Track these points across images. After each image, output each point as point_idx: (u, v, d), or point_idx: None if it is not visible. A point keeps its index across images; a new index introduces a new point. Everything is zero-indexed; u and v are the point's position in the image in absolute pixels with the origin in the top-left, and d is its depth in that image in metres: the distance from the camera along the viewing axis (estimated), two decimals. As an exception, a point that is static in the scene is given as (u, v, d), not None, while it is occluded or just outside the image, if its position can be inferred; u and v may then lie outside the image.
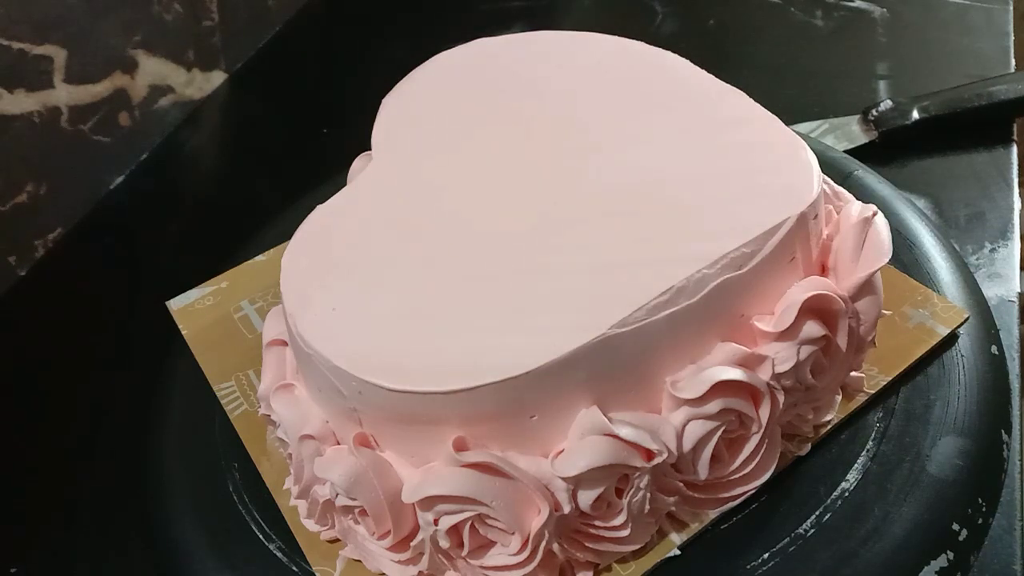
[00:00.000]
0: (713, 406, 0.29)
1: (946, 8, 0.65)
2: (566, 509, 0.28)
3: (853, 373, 0.34)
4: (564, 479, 0.28)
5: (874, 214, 0.32)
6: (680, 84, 0.36)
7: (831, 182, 0.34)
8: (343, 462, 0.29)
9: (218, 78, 0.71)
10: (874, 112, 0.53)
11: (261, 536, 0.35)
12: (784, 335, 0.30)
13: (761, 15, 0.69)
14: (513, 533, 0.28)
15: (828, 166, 0.43)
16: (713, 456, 0.30)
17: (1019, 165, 0.51)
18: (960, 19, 0.64)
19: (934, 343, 0.36)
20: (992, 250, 0.46)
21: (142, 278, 0.55)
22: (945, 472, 0.33)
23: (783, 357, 0.30)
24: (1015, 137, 0.53)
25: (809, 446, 0.34)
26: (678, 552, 0.31)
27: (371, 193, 0.34)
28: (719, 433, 0.29)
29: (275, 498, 0.35)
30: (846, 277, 0.31)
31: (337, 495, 0.30)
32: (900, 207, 0.44)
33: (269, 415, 0.33)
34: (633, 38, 0.39)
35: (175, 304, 0.44)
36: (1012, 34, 0.62)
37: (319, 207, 0.34)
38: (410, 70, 0.40)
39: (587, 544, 0.30)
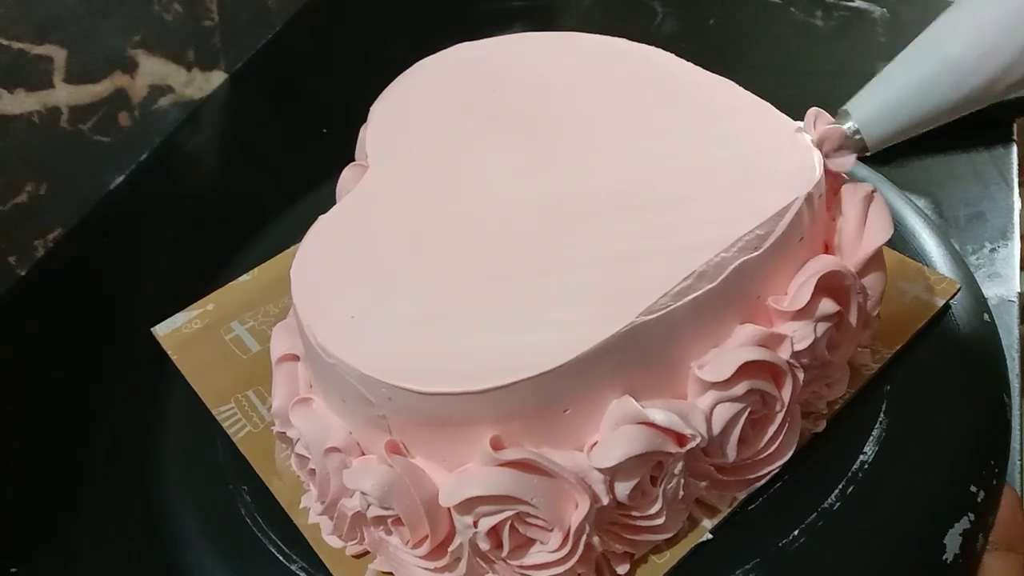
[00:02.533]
0: (739, 388, 0.29)
1: (946, 8, 0.65)
2: (604, 501, 0.28)
3: (859, 348, 0.35)
4: (601, 470, 0.28)
5: (873, 191, 0.32)
6: (671, 78, 0.37)
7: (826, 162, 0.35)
8: (375, 471, 0.28)
9: (218, 78, 0.71)
10: (874, 112, 0.53)
11: (281, 557, 0.34)
12: (800, 314, 0.30)
13: (761, 15, 0.69)
14: (553, 529, 0.28)
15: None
16: (740, 438, 0.30)
17: (1019, 165, 0.51)
18: (960, 19, 0.64)
19: (931, 315, 0.37)
20: (992, 250, 0.46)
21: (142, 278, 0.55)
22: (957, 437, 0.34)
23: (801, 335, 0.30)
24: (1015, 137, 0.53)
25: (824, 423, 0.34)
26: (710, 536, 0.32)
27: (372, 201, 0.34)
28: (746, 414, 0.30)
29: (292, 517, 0.34)
30: (852, 254, 0.32)
31: (369, 506, 0.29)
32: (900, 207, 0.44)
33: (285, 432, 0.32)
34: (633, 38, 0.39)
35: (161, 330, 0.42)
36: (1012, 34, 0.61)
37: (321, 218, 0.33)
38: (410, 70, 0.40)
39: (624, 535, 0.30)
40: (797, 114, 0.33)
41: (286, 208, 0.49)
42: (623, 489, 0.28)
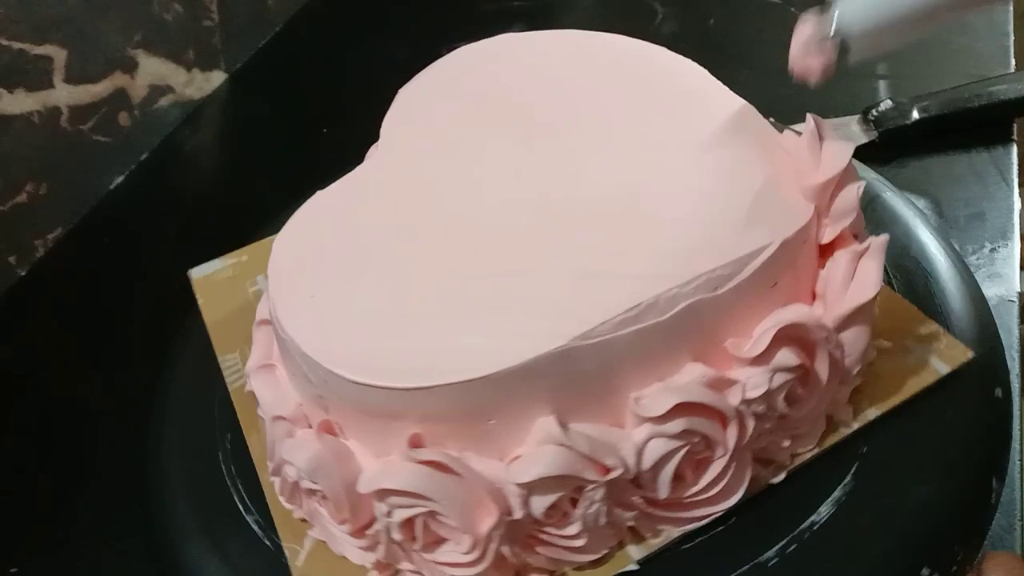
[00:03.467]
0: (674, 425, 0.28)
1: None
2: (518, 514, 0.28)
3: (840, 404, 0.33)
4: (517, 485, 0.28)
5: (867, 247, 0.31)
6: (683, 91, 0.36)
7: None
8: (307, 447, 0.29)
9: (218, 78, 0.71)
10: (874, 112, 0.53)
11: (241, 507, 0.36)
12: (757, 361, 0.29)
13: (761, 15, 0.69)
14: (464, 533, 0.28)
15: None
16: (676, 475, 0.29)
17: (1019, 165, 0.51)
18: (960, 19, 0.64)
19: (932, 381, 0.35)
20: (992, 250, 0.46)
21: (142, 278, 0.55)
22: (922, 516, 0.32)
23: (755, 383, 0.29)
24: (1015, 137, 0.53)
25: (784, 474, 0.33)
26: (636, 567, 0.31)
27: (367, 184, 0.35)
28: (681, 453, 0.29)
29: (259, 472, 0.36)
30: (834, 306, 0.31)
31: (301, 479, 0.30)
32: (900, 207, 0.44)
33: (253, 392, 0.34)
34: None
35: (196, 273, 0.44)
36: (1012, 34, 0.62)
37: (318, 193, 0.34)
38: (410, 70, 0.40)
39: (541, 550, 0.30)
40: (797, 114, 0.33)
41: (286, 208, 0.49)
42: (539, 505, 0.28)
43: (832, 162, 0.31)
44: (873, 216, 0.42)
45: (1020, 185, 0.50)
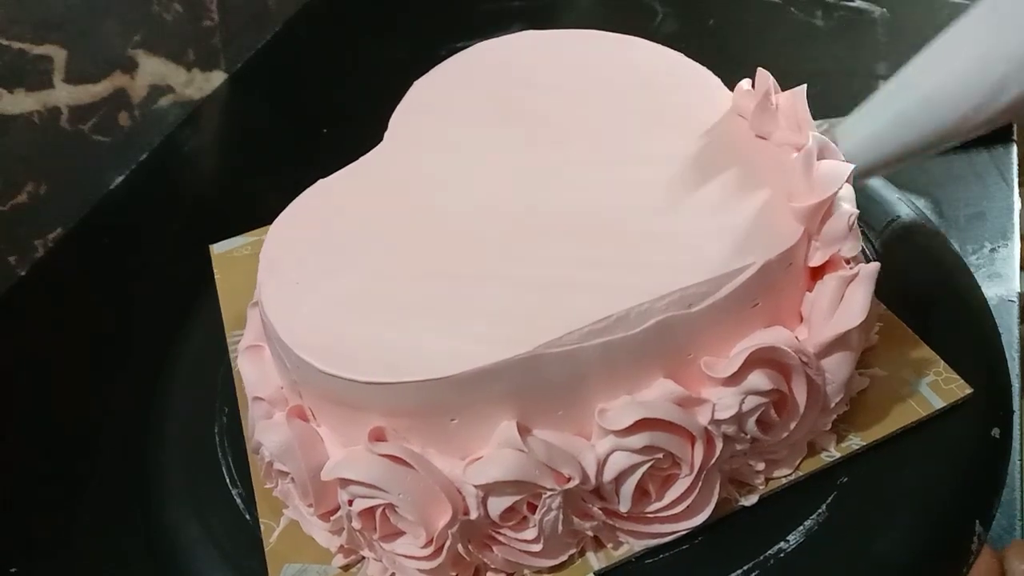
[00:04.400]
0: (637, 440, 0.28)
1: (946, 8, 0.65)
2: (474, 515, 0.28)
3: (822, 431, 0.33)
4: (475, 486, 0.28)
5: (855, 274, 0.30)
6: (699, 108, 0.35)
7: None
8: (278, 430, 0.30)
9: (218, 78, 0.71)
10: (874, 112, 0.53)
11: (228, 480, 0.37)
12: (728, 381, 0.29)
13: (761, 15, 0.69)
14: (421, 527, 0.29)
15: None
16: (640, 490, 0.29)
17: (1019, 165, 0.51)
18: (960, 19, 0.64)
19: (923, 416, 0.34)
20: (992, 250, 0.46)
21: (141, 278, 0.55)
22: (891, 555, 0.31)
23: (725, 404, 0.29)
24: (1015, 137, 0.53)
25: (756, 497, 0.32)
26: None
27: (367, 175, 0.35)
28: (644, 468, 0.29)
29: (248, 448, 0.37)
30: (817, 332, 0.30)
31: (273, 460, 0.31)
32: (900, 207, 0.44)
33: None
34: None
35: (217, 249, 0.46)
36: (1012, 34, 0.61)
37: (320, 180, 0.35)
38: (410, 70, 0.40)
39: (498, 551, 0.30)
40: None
41: (286, 208, 0.49)
42: (496, 507, 0.28)
43: (825, 184, 0.30)
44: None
45: (1020, 185, 0.50)
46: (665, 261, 0.29)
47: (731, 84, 0.36)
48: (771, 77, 0.32)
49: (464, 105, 0.37)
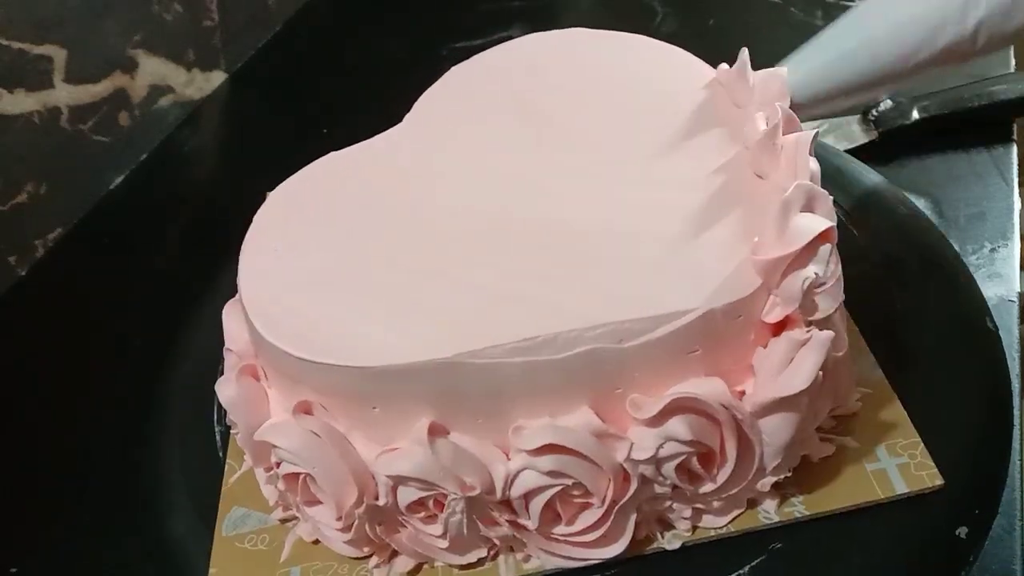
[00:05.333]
0: (546, 462, 0.28)
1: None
2: (382, 501, 0.29)
3: (761, 492, 0.31)
4: (385, 475, 0.29)
5: (808, 339, 0.28)
6: (702, 127, 0.34)
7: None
8: (228, 385, 0.31)
9: (218, 78, 0.71)
10: (874, 112, 0.53)
11: (219, 444, 0.39)
12: (649, 423, 0.28)
13: (761, 15, 0.69)
14: (334, 501, 0.30)
15: (827, 165, 0.42)
16: (551, 510, 0.30)
17: (1019, 165, 0.51)
18: (960, 19, 0.64)
19: (881, 498, 0.31)
20: (992, 250, 0.46)
21: (141, 278, 0.55)
22: None
23: (643, 445, 0.28)
24: (1015, 137, 0.52)
25: (679, 544, 0.32)
26: None
27: (374, 157, 0.36)
28: (554, 490, 0.29)
29: None
30: (760, 391, 0.29)
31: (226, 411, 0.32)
32: (900, 207, 0.44)
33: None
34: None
35: None
36: (1012, 34, 0.61)
37: (332, 153, 0.36)
38: (410, 70, 0.40)
39: (408, 540, 0.32)
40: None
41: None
42: (404, 498, 0.29)
43: (794, 238, 0.28)
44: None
45: (1020, 185, 0.50)
46: (609, 289, 0.28)
47: (731, 84, 0.36)
48: (785, 109, 0.31)
49: (488, 98, 0.38)
